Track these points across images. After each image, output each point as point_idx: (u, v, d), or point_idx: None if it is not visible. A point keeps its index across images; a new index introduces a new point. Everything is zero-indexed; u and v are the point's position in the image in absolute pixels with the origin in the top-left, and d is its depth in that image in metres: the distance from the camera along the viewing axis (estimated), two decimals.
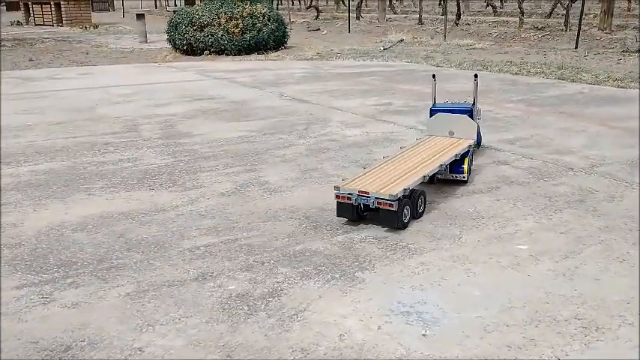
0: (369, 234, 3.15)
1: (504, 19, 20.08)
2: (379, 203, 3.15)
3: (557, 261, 2.81)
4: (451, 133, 4.18)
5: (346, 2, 26.00)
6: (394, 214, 3.14)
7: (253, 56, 11.97)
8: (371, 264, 2.80)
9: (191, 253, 2.94)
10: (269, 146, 4.94)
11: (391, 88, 7.92)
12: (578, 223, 3.26)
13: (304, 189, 3.90)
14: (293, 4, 27.57)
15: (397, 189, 3.20)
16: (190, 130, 5.51)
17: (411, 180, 3.36)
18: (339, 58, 11.64)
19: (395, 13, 24.06)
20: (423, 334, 2.23)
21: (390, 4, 24.50)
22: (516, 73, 9.03)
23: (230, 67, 10.53)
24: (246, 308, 2.43)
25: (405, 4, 30.55)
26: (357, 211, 3.27)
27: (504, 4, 27.14)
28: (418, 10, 20.14)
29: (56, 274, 2.74)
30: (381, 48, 12.81)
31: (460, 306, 2.42)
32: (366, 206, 3.24)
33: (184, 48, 12.35)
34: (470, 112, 4.33)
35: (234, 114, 6.29)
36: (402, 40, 14.06)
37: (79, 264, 2.84)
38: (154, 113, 6.29)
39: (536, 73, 8.98)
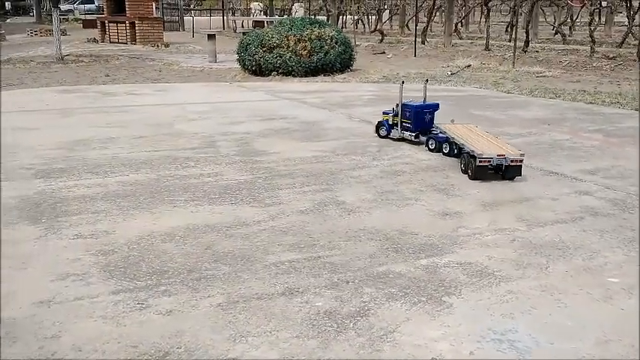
0: (452, 259, 3.14)
1: (574, 47, 19.66)
2: (512, 161, 4.46)
3: None
4: (452, 121, 5.54)
5: (411, 26, 26.04)
6: (519, 168, 4.51)
7: (319, 78, 12.11)
8: (457, 289, 2.78)
9: (276, 268, 3.00)
10: (343, 167, 4.99)
11: (463, 113, 7.86)
12: None
13: (382, 210, 3.92)
14: (357, 27, 27.83)
15: (517, 151, 4.58)
16: (266, 149, 5.63)
17: (509, 146, 4.70)
18: (406, 81, 11.64)
19: (460, 39, 23.89)
20: None
21: (456, 29, 24.39)
22: (590, 102, 8.82)
23: (298, 88, 10.70)
24: (335, 326, 2.46)
25: (470, 29, 30.34)
26: (487, 171, 4.54)
27: (573, 32, 26.62)
28: (485, 35, 19.98)
29: (149, 282, 2.84)
30: (449, 73, 12.76)
31: (553, 336, 2.38)
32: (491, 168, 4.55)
33: (253, 68, 12.61)
34: (438, 106, 5.88)
35: (306, 134, 6.39)
36: (469, 66, 13.96)
37: (170, 272, 2.94)
38: (230, 131, 6.46)
39: (612, 103, 8.74)
